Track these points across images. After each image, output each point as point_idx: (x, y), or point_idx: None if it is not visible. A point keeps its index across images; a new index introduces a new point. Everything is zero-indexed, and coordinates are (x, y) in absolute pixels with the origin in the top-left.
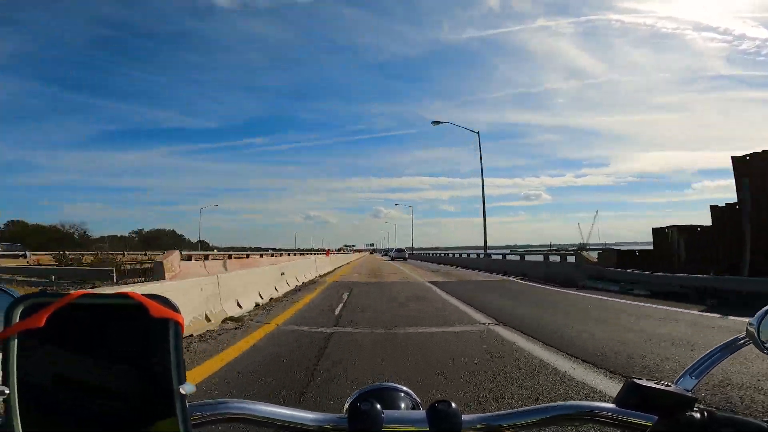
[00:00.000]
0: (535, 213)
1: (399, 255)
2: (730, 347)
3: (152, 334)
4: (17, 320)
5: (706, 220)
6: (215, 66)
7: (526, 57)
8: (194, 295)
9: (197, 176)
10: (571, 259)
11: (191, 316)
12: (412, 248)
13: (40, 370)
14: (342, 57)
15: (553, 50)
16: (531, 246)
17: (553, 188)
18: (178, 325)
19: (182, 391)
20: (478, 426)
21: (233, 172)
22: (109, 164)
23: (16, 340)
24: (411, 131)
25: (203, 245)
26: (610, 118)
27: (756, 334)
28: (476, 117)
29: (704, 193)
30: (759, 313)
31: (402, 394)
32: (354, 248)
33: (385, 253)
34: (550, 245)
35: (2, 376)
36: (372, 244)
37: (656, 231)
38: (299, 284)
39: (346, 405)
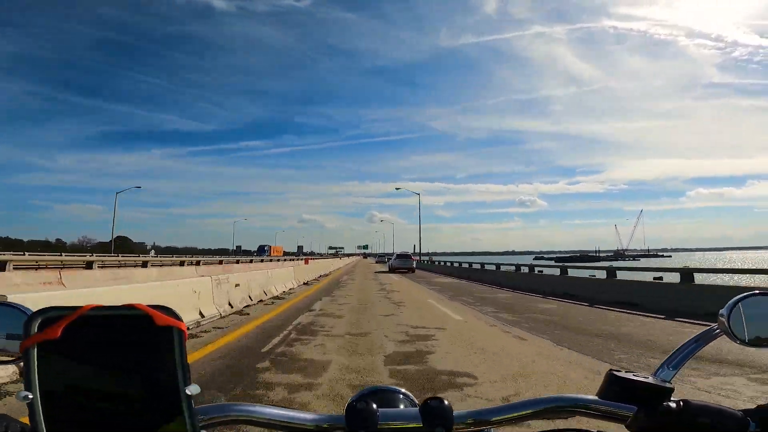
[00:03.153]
0: (530, 219)
1: (403, 264)
2: (705, 338)
3: (158, 341)
4: (35, 332)
5: (702, 227)
6: (214, 69)
7: (524, 63)
8: None
9: (194, 179)
10: None
11: None
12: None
13: (57, 377)
14: (341, 61)
15: (550, 57)
16: (555, 252)
17: (546, 195)
18: (182, 332)
19: (188, 392)
20: (469, 420)
21: (230, 175)
22: (105, 166)
23: (35, 350)
24: (409, 136)
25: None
26: (605, 125)
27: (726, 324)
28: (474, 123)
29: (698, 201)
30: (729, 303)
31: (400, 396)
32: (342, 252)
33: (380, 258)
34: (597, 250)
35: (25, 383)
36: (365, 247)
37: None
38: None
39: (346, 406)
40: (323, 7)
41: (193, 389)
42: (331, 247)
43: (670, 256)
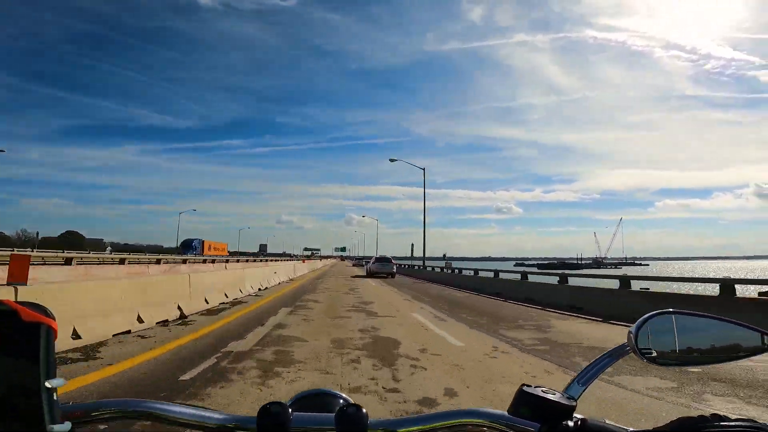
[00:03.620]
0: (507, 226)
1: (382, 268)
2: (615, 354)
3: (23, 337)
4: None
5: (669, 237)
6: (195, 65)
7: (506, 71)
8: None
9: (170, 176)
10: None
11: None
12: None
13: None
14: (325, 63)
15: (532, 65)
16: (532, 259)
17: (522, 202)
18: (50, 329)
19: (49, 385)
20: (380, 429)
21: (207, 173)
22: (75, 160)
23: None
24: (390, 140)
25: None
26: (581, 135)
27: (634, 342)
28: (454, 129)
29: (665, 212)
30: (638, 321)
31: (341, 400)
32: (318, 254)
33: (357, 261)
34: (579, 258)
35: None
36: (343, 249)
37: None
38: None
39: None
40: (309, 7)
41: (55, 382)
42: (306, 249)
43: (647, 265)
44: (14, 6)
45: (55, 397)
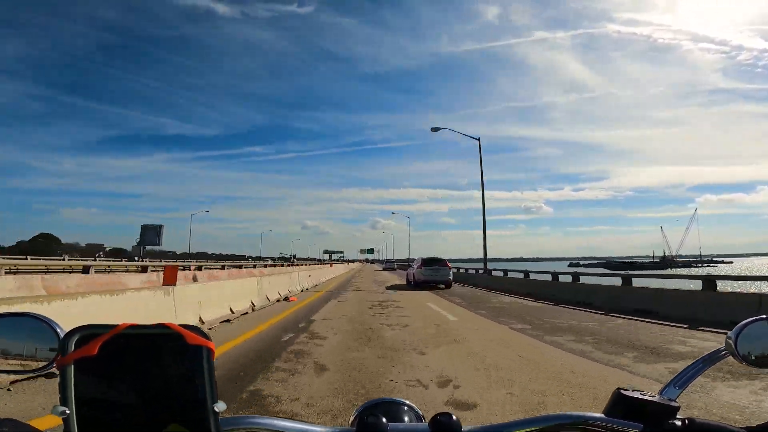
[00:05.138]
0: (535, 226)
1: (434, 275)
2: (712, 359)
3: (188, 360)
4: (72, 349)
5: (713, 233)
6: (215, 73)
7: (525, 70)
8: None
9: (195, 184)
10: None
11: None
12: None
13: (91, 393)
14: (341, 67)
15: (552, 63)
16: (587, 258)
17: (551, 201)
18: (210, 351)
19: (216, 409)
20: None
21: (231, 180)
22: (106, 169)
23: (72, 366)
24: (409, 143)
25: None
26: (608, 132)
27: (734, 347)
28: (475, 130)
29: (706, 208)
30: (737, 327)
31: (405, 408)
32: (342, 257)
33: (388, 264)
34: (656, 256)
35: (61, 398)
36: (370, 251)
37: None
38: None
39: (351, 418)
40: (323, 13)
41: (220, 406)
42: (326, 251)
43: (731, 262)
44: (44, 19)
45: (219, 420)
